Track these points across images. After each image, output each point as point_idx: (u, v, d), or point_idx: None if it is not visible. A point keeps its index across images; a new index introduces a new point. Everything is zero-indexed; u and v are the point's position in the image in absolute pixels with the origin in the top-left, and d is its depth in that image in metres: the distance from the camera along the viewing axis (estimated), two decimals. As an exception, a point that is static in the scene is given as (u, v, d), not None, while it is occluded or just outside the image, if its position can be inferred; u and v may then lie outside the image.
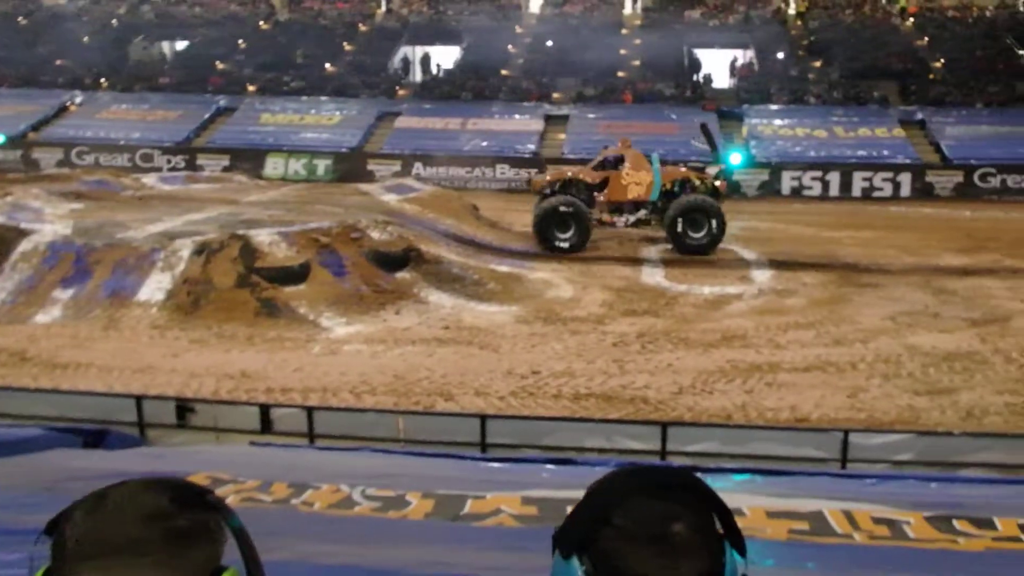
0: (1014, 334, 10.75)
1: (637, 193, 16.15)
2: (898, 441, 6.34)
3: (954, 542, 3.46)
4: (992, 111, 26.95)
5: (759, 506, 3.80)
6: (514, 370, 9.39)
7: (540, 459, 5.42)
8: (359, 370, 9.34)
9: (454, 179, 24.77)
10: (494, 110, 28.35)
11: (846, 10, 34.29)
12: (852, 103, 28.01)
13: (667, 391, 8.70)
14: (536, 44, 32.58)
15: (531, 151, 26.07)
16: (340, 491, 3.93)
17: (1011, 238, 17.30)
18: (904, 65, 29.85)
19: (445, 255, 13.71)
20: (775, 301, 12.47)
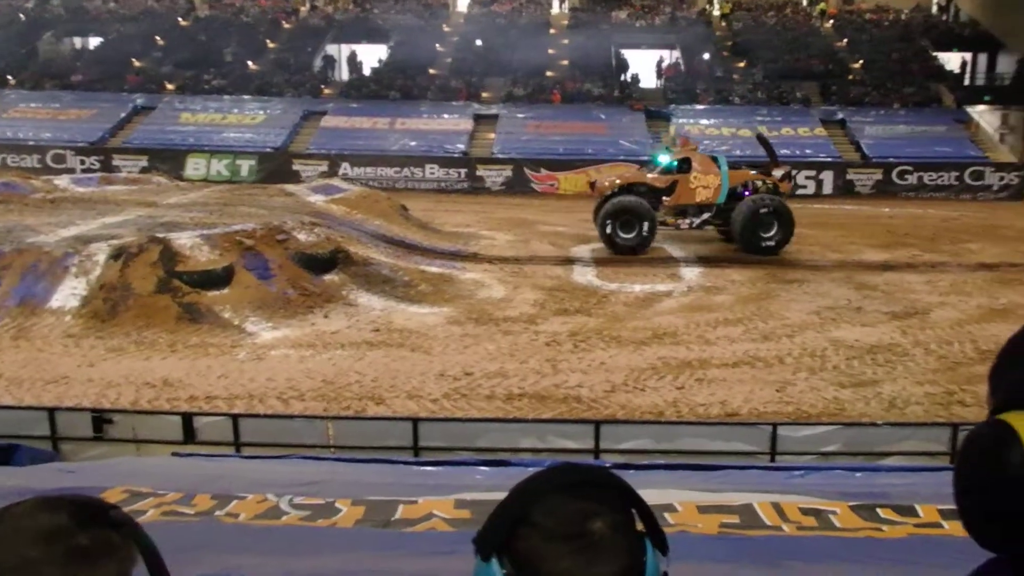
0: (932, 326, 11.12)
1: (705, 196, 16.18)
2: (824, 433, 6.44)
3: (878, 530, 3.54)
4: (908, 111, 28.03)
5: (690, 501, 3.81)
6: (446, 372, 9.28)
7: (473, 461, 5.33)
8: (286, 375, 9.10)
9: (382, 179, 24.57)
10: (422, 109, 28.22)
11: (768, 12, 35.19)
12: (775, 103, 28.80)
13: (600, 389, 8.70)
14: (464, 43, 32.52)
15: (460, 151, 26.03)
16: (267, 501, 3.81)
17: (928, 234, 17.96)
18: (825, 66, 30.79)
19: (374, 256, 13.51)
20: (704, 298, 12.65)
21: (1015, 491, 0.79)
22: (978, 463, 0.84)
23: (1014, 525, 0.80)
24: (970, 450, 0.86)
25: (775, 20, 34.59)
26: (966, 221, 19.12)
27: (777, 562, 3.32)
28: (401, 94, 29.27)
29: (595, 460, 6.11)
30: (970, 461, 0.86)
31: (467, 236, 17.11)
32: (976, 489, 0.84)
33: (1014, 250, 16.38)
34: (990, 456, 0.82)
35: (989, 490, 0.82)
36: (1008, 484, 0.80)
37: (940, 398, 8.49)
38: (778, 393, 8.62)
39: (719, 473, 4.48)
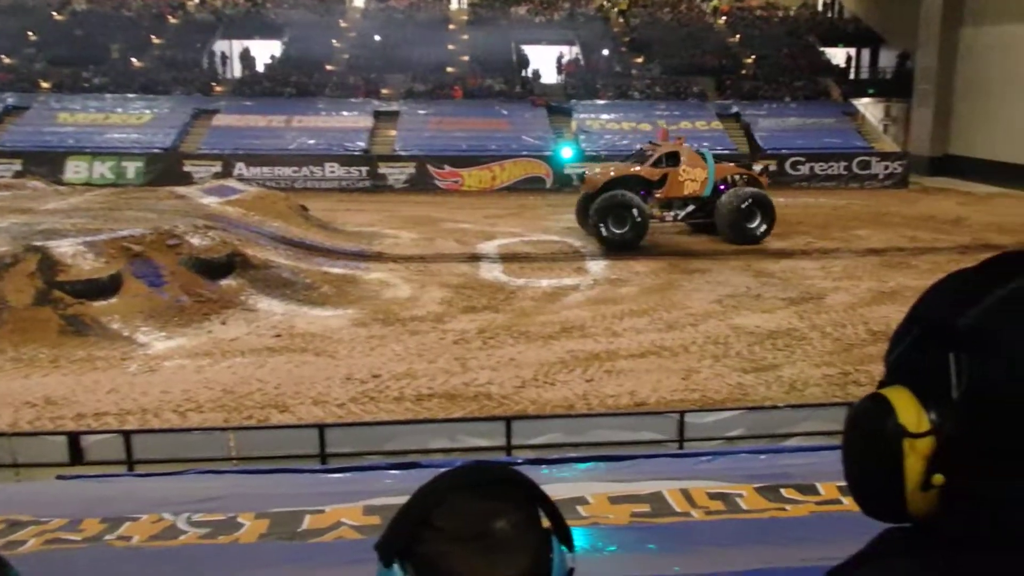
0: (827, 311, 11.53)
1: (693, 190, 16.51)
2: (730, 418, 6.62)
3: (782, 509, 3.65)
4: (799, 104, 28.96)
5: (602, 492, 3.85)
6: (353, 375, 9.11)
7: (383, 465, 5.21)
8: (182, 387, 8.74)
9: (280, 179, 23.91)
10: (320, 107, 27.57)
11: (664, 9, 35.92)
12: (673, 97, 29.29)
13: (510, 385, 8.72)
14: (362, 39, 31.98)
15: (361, 148, 25.59)
16: (162, 520, 3.63)
17: (819, 221, 18.65)
18: (719, 61, 31.51)
19: (273, 259, 13.12)
20: (610, 290, 12.81)
21: (892, 461, 0.83)
22: (858, 436, 0.88)
23: (894, 494, 0.84)
24: (851, 424, 0.90)
25: (671, 17, 35.28)
26: (855, 209, 19.89)
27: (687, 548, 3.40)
28: (297, 91, 28.53)
29: (507, 457, 6.09)
30: (852, 435, 0.89)
31: (370, 235, 16.84)
32: (858, 461, 0.88)
33: (899, 235, 17.15)
34: (869, 429, 0.86)
35: (869, 461, 0.86)
36: (885, 454, 0.83)
37: (837, 379, 8.82)
38: (684, 381, 8.80)
39: (629, 463, 4.51)
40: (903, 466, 0.83)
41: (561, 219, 18.91)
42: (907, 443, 0.82)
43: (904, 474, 0.83)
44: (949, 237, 17.08)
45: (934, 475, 0.82)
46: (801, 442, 5.97)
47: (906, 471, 0.83)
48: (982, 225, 18.44)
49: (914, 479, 0.83)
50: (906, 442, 0.83)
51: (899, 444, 0.83)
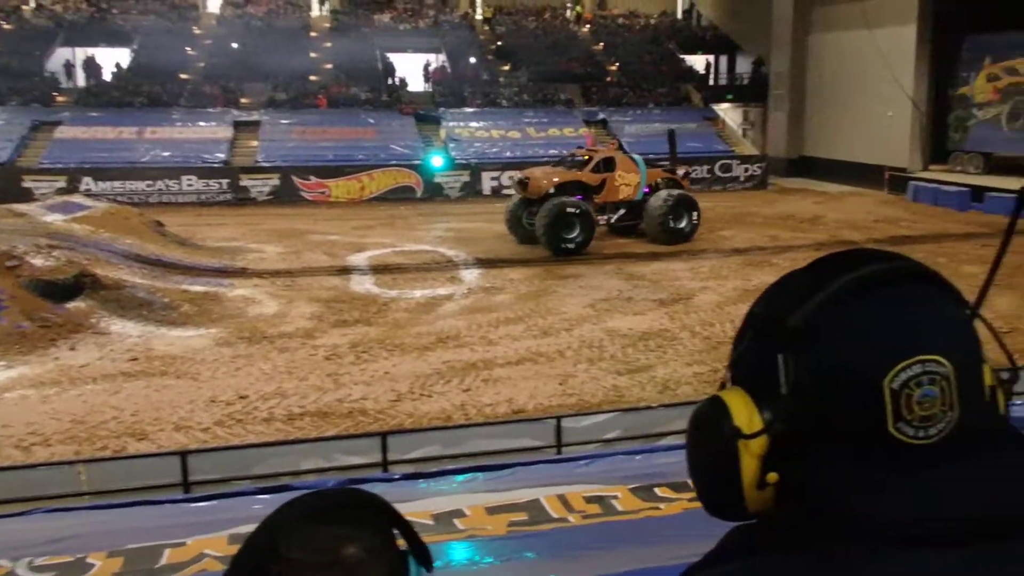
0: (696, 311, 11.86)
1: (627, 194, 17.04)
2: (606, 420, 6.70)
3: (656, 508, 3.76)
4: (662, 110, 29.85)
5: (480, 504, 3.92)
6: (218, 397, 8.69)
7: (251, 490, 4.98)
8: (26, 419, 8.08)
9: (133, 194, 22.69)
10: (175, 117, 26.34)
11: (529, 17, 36.46)
12: (541, 105, 29.72)
13: (385, 400, 8.54)
14: (218, 46, 30.84)
15: (221, 160, 24.61)
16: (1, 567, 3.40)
17: None
18: (585, 69, 32.26)
19: (127, 279, 12.40)
20: (485, 299, 12.76)
21: (729, 462, 0.85)
22: (699, 439, 0.90)
23: (733, 494, 0.86)
24: (692, 427, 0.92)
25: (535, 25, 35.85)
26: (719, 211, 20.50)
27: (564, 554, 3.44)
28: (149, 101, 27.18)
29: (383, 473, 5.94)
30: (693, 438, 0.92)
31: (233, 250, 16.19)
32: (699, 463, 0.90)
33: (761, 235, 17.95)
34: (707, 431, 0.88)
35: (709, 463, 0.88)
36: (723, 456, 0.86)
37: (707, 376, 9.04)
38: (561, 386, 8.84)
39: (508, 472, 4.57)
40: (739, 467, 0.85)
41: (433, 228, 18.83)
42: (741, 444, 0.85)
43: (741, 474, 0.85)
44: (807, 235, 17.96)
45: (768, 473, 0.85)
46: (675, 441, 6.07)
47: (742, 471, 0.85)
48: (837, 223, 19.50)
49: (750, 479, 0.85)
50: (740, 443, 0.85)
51: (734, 445, 0.85)
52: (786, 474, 0.85)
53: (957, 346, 0.83)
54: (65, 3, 32.45)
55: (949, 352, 0.81)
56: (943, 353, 0.81)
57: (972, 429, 0.82)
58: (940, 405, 0.81)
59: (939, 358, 0.81)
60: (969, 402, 0.82)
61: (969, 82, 24.93)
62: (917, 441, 0.81)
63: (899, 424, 0.81)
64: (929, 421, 0.81)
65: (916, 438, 0.81)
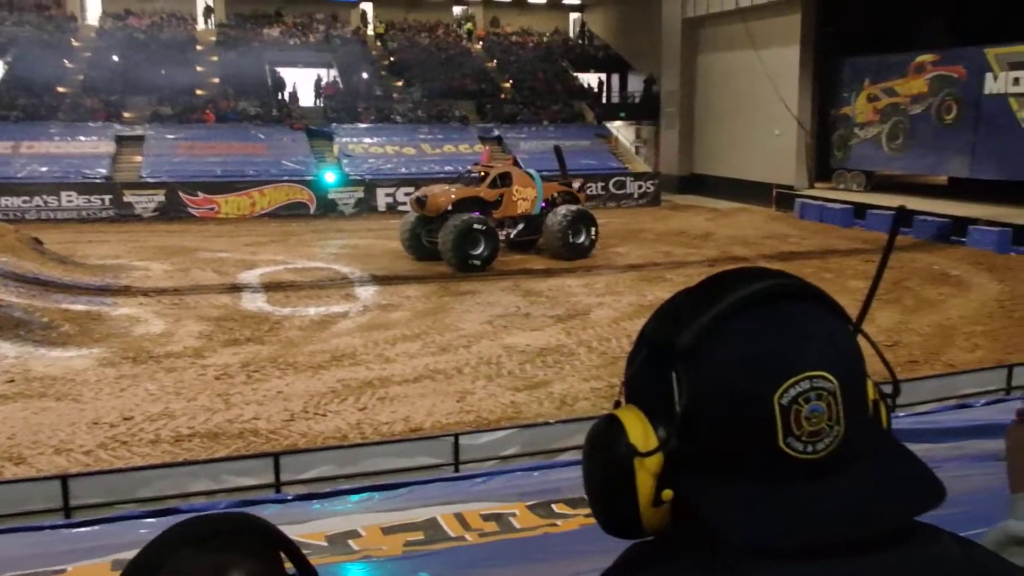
0: (593, 326, 12.01)
1: (525, 208, 17.12)
2: (503, 437, 6.68)
3: (554, 525, 3.74)
4: (556, 127, 30.31)
5: (375, 524, 3.83)
6: (101, 419, 8.33)
7: (137, 514, 4.82)
8: None
9: (9, 210, 21.63)
10: (53, 131, 25.18)
11: (422, 33, 36.42)
12: (435, 121, 29.68)
13: (278, 419, 8.33)
14: (98, 59, 29.65)
15: (103, 175, 23.65)
16: None
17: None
18: (479, 86, 32.45)
19: (2, 297, 11.76)
20: (381, 316, 12.64)
21: (625, 480, 0.86)
22: (595, 456, 0.91)
23: (629, 512, 0.87)
24: (589, 445, 0.92)
25: (429, 41, 35.83)
26: (613, 227, 20.79)
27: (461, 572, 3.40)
28: (25, 115, 25.91)
29: (276, 494, 5.83)
30: (589, 455, 0.92)
31: (117, 268, 15.56)
32: (595, 481, 0.91)
33: (655, 251, 18.34)
34: (603, 449, 0.89)
35: (605, 480, 0.89)
36: (618, 474, 0.87)
37: (604, 392, 9.13)
38: (459, 403, 8.81)
39: (404, 491, 4.49)
40: (635, 484, 0.86)
41: (327, 245, 18.57)
42: (637, 462, 0.86)
43: (637, 492, 0.86)
44: (699, 251, 18.36)
45: (663, 491, 0.86)
46: (572, 456, 6.05)
47: (638, 489, 0.86)
48: (727, 239, 20.02)
49: (646, 496, 0.86)
50: (636, 461, 0.86)
51: (630, 463, 0.86)
52: (680, 491, 0.86)
53: (842, 362, 0.85)
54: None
55: (834, 368, 0.83)
56: (829, 369, 0.83)
57: (856, 443, 0.85)
58: (827, 420, 0.82)
59: (825, 374, 0.83)
60: (854, 417, 0.84)
61: (851, 102, 25.71)
62: (805, 456, 0.83)
63: (788, 439, 0.82)
64: (817, 436, 0.82)
65: (805, 453, 0.82)
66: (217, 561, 0.92)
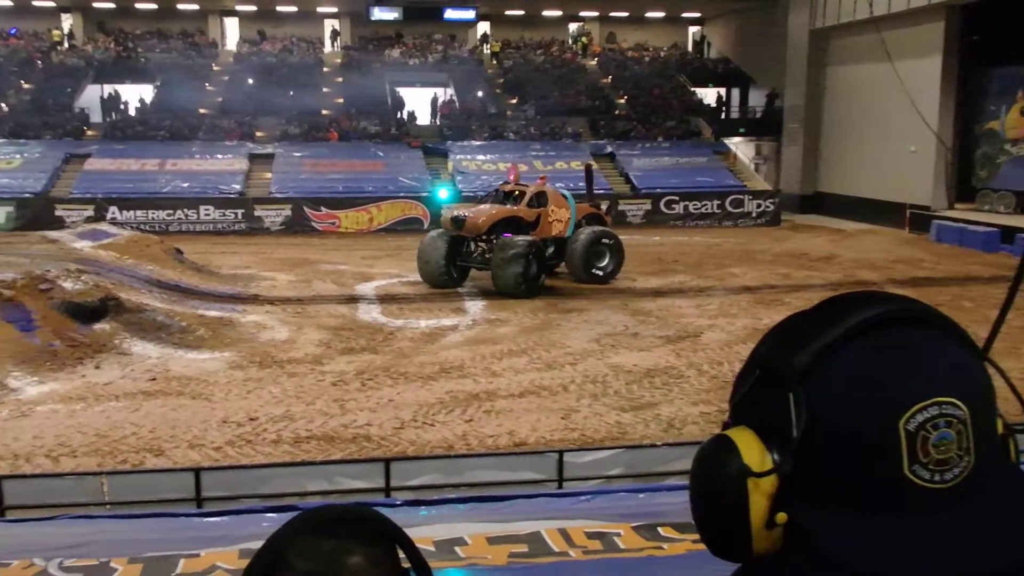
0: (704, 348, 11.65)
1: (559, 230, 16.23)
2: (608, 457, 6.60)
3: (659, 548, 3.69)
4: (672, 144, 29.67)
5: (480, 533, 3.85)
6: (229, 418, 8.90)
7: (260, 508, 5.18)
8: (55, 432, 8.39)
9: (155, 223, 23.34)
10: (194, 150, 27.09)
11: (537, 51, 36.53)
12: (548, 138, 29.70)
13: (389, 427, 8.64)
14: (235, 82, 31.58)
15: (236, 191, 25.18)
16: (33, 566, 3.60)
17: (694, 260, 19.03)
18: (592, 102, 32.15)
19: (148, 302, 12.77)
20: (488, 330, 12.83)
21: (737, 501, 0.84)
22: (704, 477, 0.88)
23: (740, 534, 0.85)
24: (697, 465, 0.90)
25: (543, 58, 35.91)
26: (729, 247, 20.26)
27: None
28: (170, 135, 27.91)
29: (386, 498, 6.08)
30: (698, 476, 0.90)
31: (246, 278, 16.53)
32: (704, 501, 0.88)
33: (773, 273, 17.63)
34: (714, 469, 0.87)
35: (715, 501, 0.87)
36: (730, 494, 0.85)
37: (714, 416, 8.85)
38: (563, 420, 8.80)
39: (508, 503, 4.55)
40: (748, 506, 0.84)
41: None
42: (751, 482, 0.84)
43: (749, 513, 0.84)
44: (820, 274, 17.44)
45: (778, 513, 0.83)
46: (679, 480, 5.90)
47: (751, 510, 0.84)
48: (852, 262, 18.93)
49: (759, 518, 0.84)
50: (750, 481, 0.84)
51: (743, 484, 0.84)
52: (794, 515, 0.83)
53: (972, 390, 0.81)
54: (95, 43, 33.32)
55: (965, 395, 0.80)
56: (959, 396, 0.79)
57: (985, 476, 0.81)
58: (956, 449, 0.79)
59: (956, 401, 0.79)
60: (984, 448, 0.81)
61: (999, 116, 23.65)
62: (932, 485, 0.79)
63: (914, 467, 0.79)
64: (945, 465, 0.79)
65: (932, 482, 0.79)
66: (337, 546, 1.00)
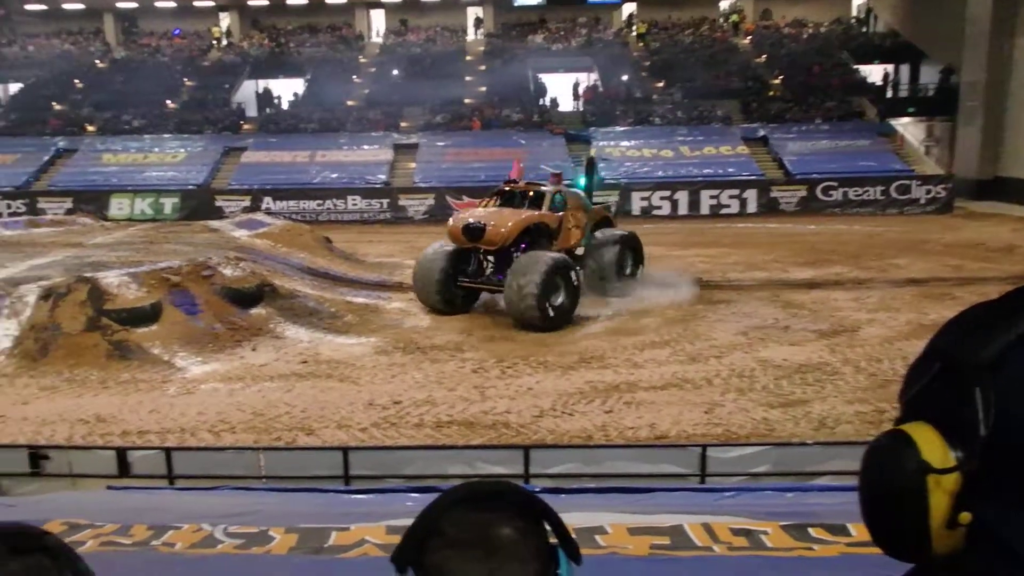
0: (861, 344, 10.96)
1: (576, 238, 13.23)
2: (754, 454, 6.39)
3: (810, 549, 3.54)
4: (831, 126, 27.97)
5: (620, 523, 3.80)
6: (375, 401, 9.18)
7: (403, 488, 5.31)
8: (217, 409, 8.95)
9: (305, 212, 24.50)
10: (342, 141, 28.15)
11: (685, 31, 35.27)
12: (696, 122, 28.73)
13: (528, 415, 8.65)
14: (381, 73, 32.49)
15: (382, 181, 25.99)
16: (202, 530, 3.79)
17: (853, 250, 17.93)
18: (744, 83, 30.75)
19: (300, 289, 13.40)
20: (630, 321, 12.54)
21: (916, 499, 0.82)
22: (878, 474, 0.86)
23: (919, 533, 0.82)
24: (870, 462, 0.88)
25: (692, 39, 34.62)
26: (891, 236, 19.11)
27: None
28: (319, 127, 29.11)
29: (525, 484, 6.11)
30: (870, 473, 0.88)
31: (391, 266, 16.97)
32: (879, 500, 0.86)
33: (942, 264, 16.32)
34: (890, 466, 0.84)
35: (891, 499, 0.84)
36: (909, 492, 0.82)
37: (871, 416, 8.39)
38: (707, 415, 8.55)
39: (648, 495, 4.47)
40: (928, 504, 0.81)
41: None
42: (932, 480, 0.81)
43: (929, 512, 0.81)
44: (998, 267, 15.91)
45: (961, 513, 0.81)
46: (831, 481, 5.74)
47: (931, 509, 0.81)
48: None
49: (940, 517, 0.81)
50: (931, 479, 0.81)
51: (923, 481, 0.81)
52: (981, 516, 0.80)
53: None
54: (250, 40, 35.27)
55: None
56: None
57: None
58: None
59: None
60: None
61: None
62: None
63: None
64: None
65: None
66: (488, 518, 1.04)
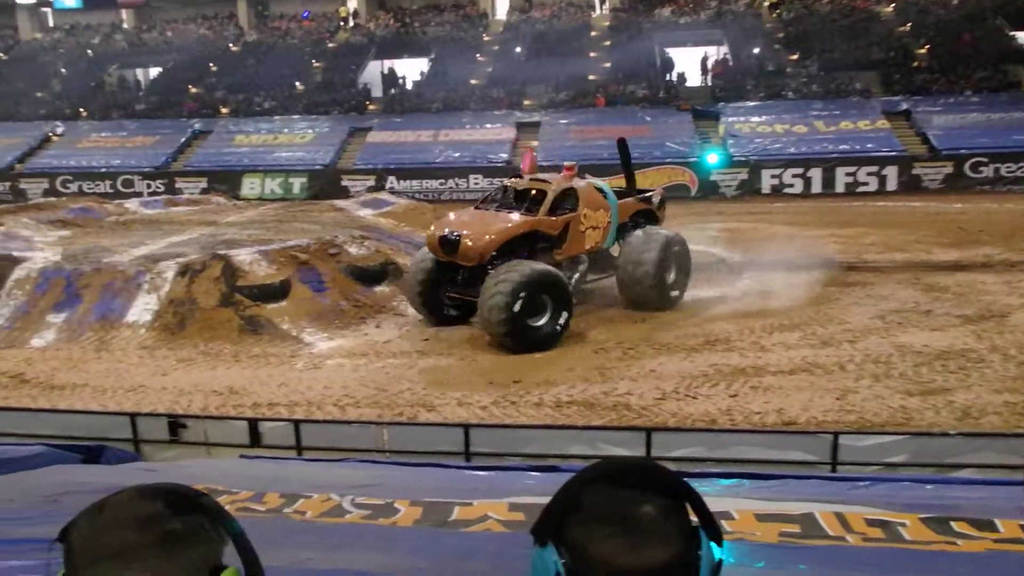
0: (1012, 330, 10.31)
1: (595, 241, 11.88)
2: (890, 443, 6.10)
3: (952, 543, 3.35)
4: (982, 97, 26.16)
5: (748, 509, 3.71)
6: (495, 380, 9.29)
7: (524, 467, 5.33)
8: (342, 383, 9.31)
9: (428, 191, 24.92)
10: (464, 120, 28.39)
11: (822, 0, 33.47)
12: (832, 96, 27.44)
13: (650, 397, 8.55)
14: (504, 51, 32.47)
15: (504, 160, 26.08)
16: (331, 500, 3.92)
17: (1004, 230, 16.84)
18: (885, 54, 29.05)
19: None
20: (758, 302, 12.15)
21: None
22: None
23: None
24: None
25: (829, 7, 32.63)
26: None
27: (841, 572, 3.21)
28: (443, 106, 29.45)
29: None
30: None
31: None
32: None
33: None
34: None
35: None
36: None
37: (1021, 407, 7.89)
38: (839, 401, 8.27)
39: (777, 482, 4.35)
40: None
41: (706, 228, 18.45)
42: None
43: None
44: None
45: None
46: (975, 474, 5.48)
47: None
48: None
49: None
50: None
51: None
52: None
53: None
54: (376, 20, 36.03)
55: None
56: None
57: None
58: None
59: None
60: None
61: None
62: None
63: None
64: None
65: None
66: (631, 495, 1.05)
